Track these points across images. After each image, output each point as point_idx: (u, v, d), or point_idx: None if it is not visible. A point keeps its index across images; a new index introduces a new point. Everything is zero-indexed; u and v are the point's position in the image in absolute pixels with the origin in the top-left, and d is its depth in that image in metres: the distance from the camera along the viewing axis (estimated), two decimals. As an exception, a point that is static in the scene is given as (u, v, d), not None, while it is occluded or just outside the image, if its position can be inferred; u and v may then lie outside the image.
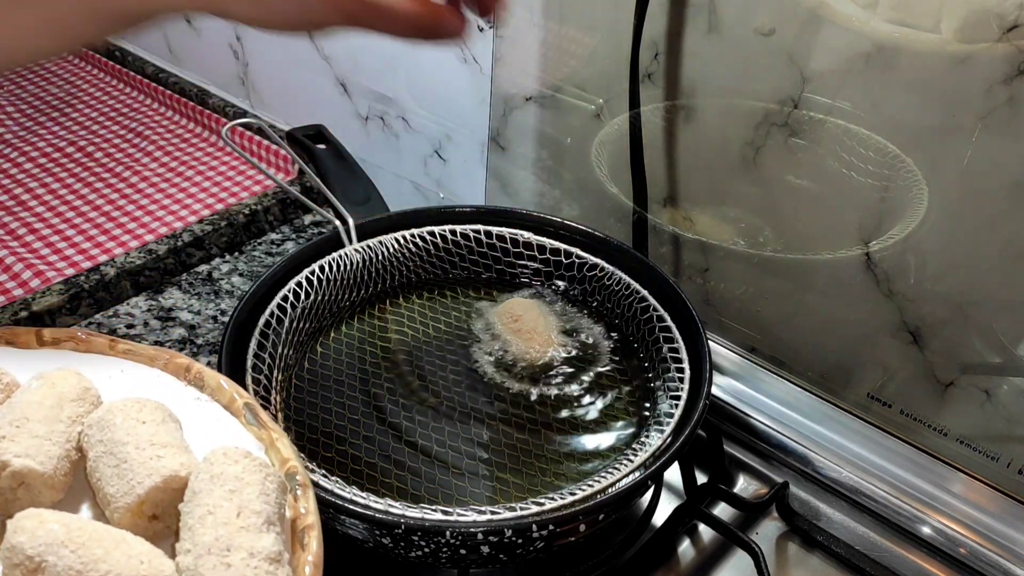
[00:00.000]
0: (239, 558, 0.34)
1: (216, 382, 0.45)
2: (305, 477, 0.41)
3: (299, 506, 0.39)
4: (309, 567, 0.37)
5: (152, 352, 0.46)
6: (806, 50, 0.55)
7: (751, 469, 0.62)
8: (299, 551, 0.38)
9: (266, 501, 0.37)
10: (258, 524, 0.35)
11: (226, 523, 0.35)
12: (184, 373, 0.45)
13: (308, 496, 0.40)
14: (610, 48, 0.66)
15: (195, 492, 0.37)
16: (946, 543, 0.56)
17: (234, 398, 0.44)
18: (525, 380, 0.58)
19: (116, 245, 0.80)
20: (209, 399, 0.45)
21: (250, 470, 0.37)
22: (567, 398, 0.57)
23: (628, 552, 0.54)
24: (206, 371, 0.45)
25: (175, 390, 0.45)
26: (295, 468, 0.41)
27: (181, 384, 0.45)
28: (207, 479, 0.37)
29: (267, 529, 0.36)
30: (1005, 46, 0.47)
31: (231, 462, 0.37)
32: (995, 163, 0.50)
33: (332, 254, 0.61)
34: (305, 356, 0.59)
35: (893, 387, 0.60)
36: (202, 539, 0.34)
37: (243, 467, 0.37)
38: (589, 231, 0.64)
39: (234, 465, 0.37)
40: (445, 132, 0.85)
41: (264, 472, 0.38)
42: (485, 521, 0.44)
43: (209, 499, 0.36)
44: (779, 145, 0.59)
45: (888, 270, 0.57)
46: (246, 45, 1.01)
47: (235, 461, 0.38)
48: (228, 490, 0.36)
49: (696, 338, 0.56)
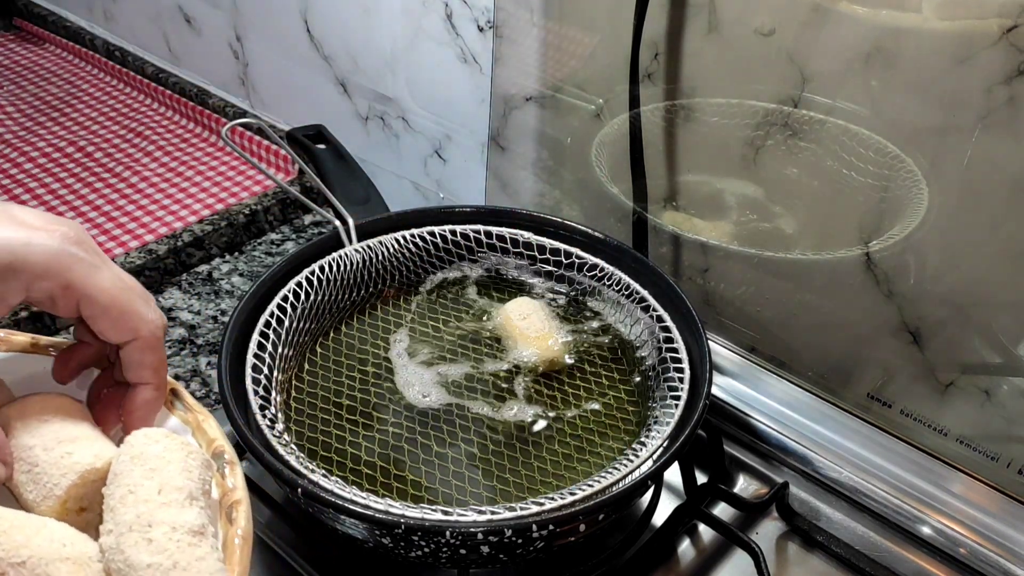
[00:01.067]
0: (161, 532, 0.34)
1: None
2: (232, 455, 0.41)
3: (227, 482, 0.40)
4: (239, 539, 0.37)
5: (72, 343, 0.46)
6: (806, 50, 0.55)
7: (751, 469, 0.62)
8: (228, 527, 0.38)
9: (188, 477, 0.37)
10: (180, 499, 0.36)
11: (147, 500, 0.35)
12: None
13: (236, 472, 0.40)
14: (610, 48, 0.66)
15: (116, 474, 0.37)
16: (946, 543, 0.56)
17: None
18: (526, 380, 0.58)
19: (116, 245, 0.80)
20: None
21: (171, 448, 0.38)
22: (567, 398, 0.57)
23: (628, 552, 0.54)
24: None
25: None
26: (221, 447, 0.41)
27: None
28: (127, 460, 0.37)
29: (189, 504, 0.36)
30: (1005, 46, 0.47)
31: (151, 442, 0.38)
32: (995, 163, 0.50)
33: (332, 254, 0.61)
34: (305, 356, 0.59)
35: (893, 387, 0.60)
36: (123, 517, 0.35)
37: (164, 446, 0.38)
38: (589, 231, 0.64)
39: (154, 445, 0.38)
40: (445, 132, 0.85)
41: (186, 450, 0.38)
42: (485, 521, 0.44)
43: (129, 479, 0.36)
44: (779, 145, 0.59)
45: (888, 270, 0.57)
46: (246, 45, 1.01)
47: (155, 441, 0.38)
48: (149, 468, 0.36)
49: (696, 338, 0.56)
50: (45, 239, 0.37)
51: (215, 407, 0.65)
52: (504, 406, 0.56)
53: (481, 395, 0.56)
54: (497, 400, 0.56)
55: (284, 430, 0.52)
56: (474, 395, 0.56)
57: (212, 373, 0.69)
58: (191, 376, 0.68)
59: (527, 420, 0.55)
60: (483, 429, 0.54)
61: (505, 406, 0.56)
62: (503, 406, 0.56)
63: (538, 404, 0.56)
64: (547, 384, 0.58)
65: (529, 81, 0.73)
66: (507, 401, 0.56)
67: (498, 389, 0.57)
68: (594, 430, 0.55)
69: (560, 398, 0.57)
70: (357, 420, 0.54)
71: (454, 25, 0.77)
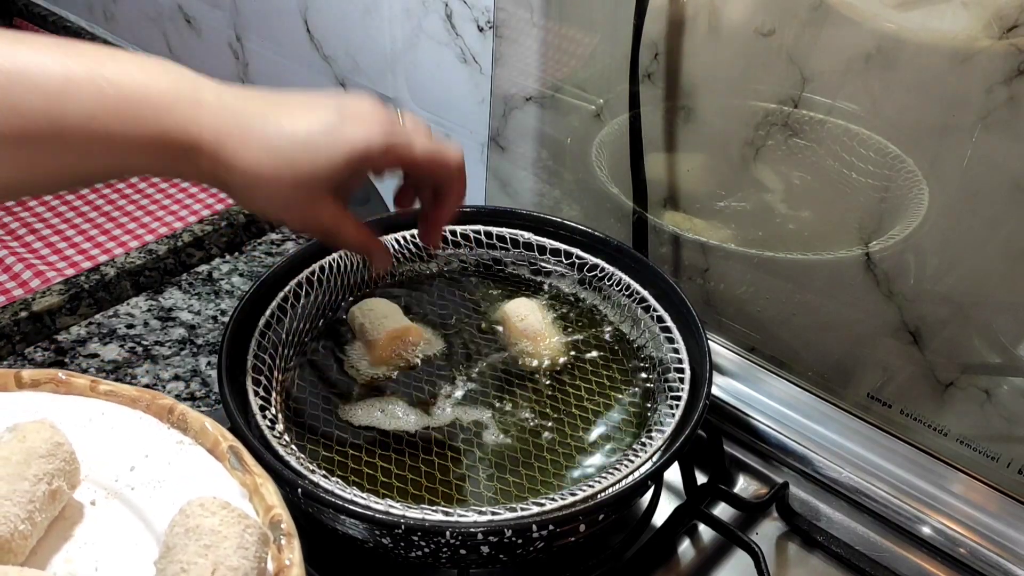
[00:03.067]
0: None
1: (200, 424, 0.43)
2: (290, 525, 0.39)
3: (283, 557, 0.37)
4: None
5: (134, 393, 0.45)
6: (806, 50, 0.55)
7: (751, 469, 0.62)
8: None
9: (244, 556, 0.35)
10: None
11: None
12: (167, 415, 0.44)
13: (293, 546, 0.38)
14: (610, 48, 0.66)
15: (169, 548, 0.35)
16: (946, 543, 0.56)
17: (218, 440, 0.42)
18: (526, 380, 0.58)
19: (116, 245, 0.80)
20: (192, 442, 0.43)
21: (228, 522, 0.35)
22: (567, 398, 0.57)
23: (628, 552, 0.54)
24: (190, 413, 0.44)
25: (157, 433, 0.43)
26: (279, 516, 0.39)
27: (164, 427, 0.44)
28: (182, 533, 0.35)
29: None
30: (1005, 46, 0.47)
31: (208, 514, 0.36)
32: (995, 163, 0.50)
33: (332, 254, 0.61)
34: (305, 356, 0.59)
35: (893, 387, 0.60)
36: None
37: (220, 519, 0.35)
38: (589, 231, 0.64)
39: (211, 517, 0.35)
40: (445, 132, 0.85)
41: (243, 524, 0.36)
42: (485, 521, 0.44)
43: (183, 555, 0.34)
44: (779, 145, 0.59)
45: (888, 270, 0.57)
46: (246, 45, 1.01)
47: (212, 513, 0.36)
48: (203, 545, 0.34)
49: (696, 338, 0.56)
50: (376, 135, 0.43)
51: (215, 407, 0.65)
52: (504, 406, 0.56)
53: (481, 395, 0.56)
54: (497, 400, 0.56)
55: (284, 430, 0.52)
56: (474, 395, 0.56)
57: (212, 373, 0.69)
58: (191, 376, 0.68)
59: (527, 420, 0.55)
60: (483, 429, 0.54)
61: (505, 406, 0.56)
62: (503, 406, 0.56)
63: (538, 404, 0.56)
64: (547, 384, 0.58)
65: (529, 81, 0.73)
66: (507, 401, 0.56)
67: (498, 389, 0.57)
68: (594, 430, 0.55)
69: (560, 398, 0.57)
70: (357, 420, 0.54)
71: (454, 25, 0.77)
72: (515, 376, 0.58)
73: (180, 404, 0.44)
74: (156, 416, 0.44)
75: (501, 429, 0.54)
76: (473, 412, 0.55)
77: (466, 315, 0.63)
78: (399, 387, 0.57)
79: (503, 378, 0.58)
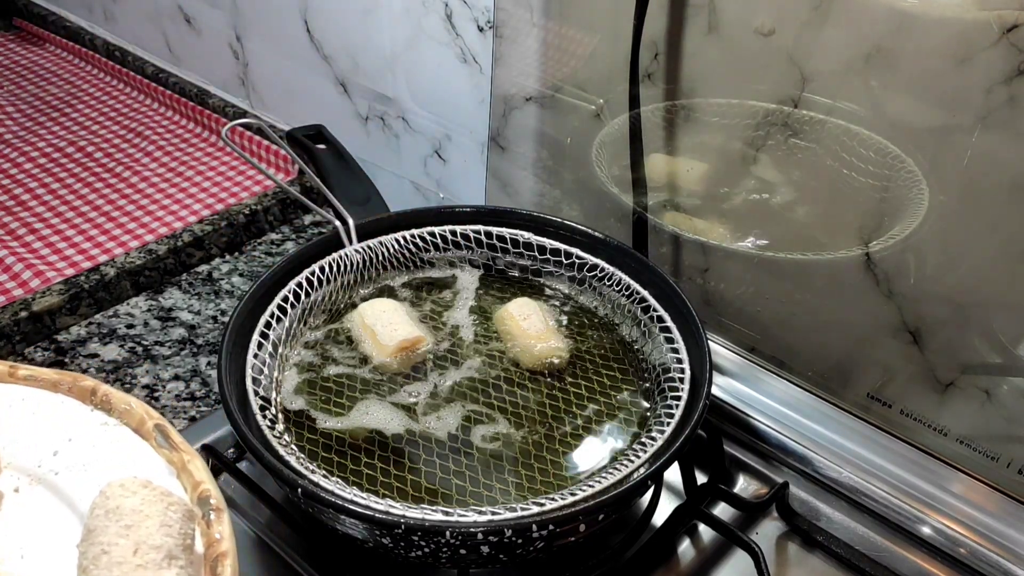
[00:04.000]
0: None
1: (125, 404, 0.42)
2: (220, 500, 0.38)
3: (212, 532, 0.37)
4: None
5: (55, 376, 0.44)
6: (806, 50, 0.55)
7: (751, 469, 0.62)
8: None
9: (168, 533, 0.34)
10: (157, 560, 0.33)
11: (121, 562, 0.33)
12: (90, 397, 0.43)
13: (223, 520, 0.37)
14: (610, 48, 0.66)
15: (90, 530, 0.34)
16: (946, 543, 0.56)
17: (144, 419, 0.42)
18: (526, 380, 0.58)
19: (116, 245, 0.80)
20: (118, 422, 0.42)
21: (149, 501, 0.35)
22: (567, 398, 0.57)
23: (628, 552, 0.54)
24: (113, 393, 0.43)
25: (80, 416, 0.43)
26: (207, 492, 0.38)
27: (87, 409, 0.43)
28: (102, 515, 0.34)
29: (168, 564, 0.33)
30: (1005, 46, 0.47)
31: (128, 494, 0.35)
32: (995, 163, 0.50)
33: (332, 254, 0.61)
34: (306, 356, 0.59)
35: (893, 387, 0.60)
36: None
37: (141, 499, 0.35)
38: (589, 231, 0.64)
39: (132, 497, 0.35)
40: (445, 132, 0.85)
41: (166, 502, 0.35)
42: (485, 521, 0.44)
43: (104, 536, 0.34)
44: (779, 145, 0.59)
45: (888, 270, 0.57)
46: (246, 45, 1.01)
47: (133, 493, 0.35)
48: (124, 525, 0.34)
49: (696, 338, 0.56)
50: None
51: (215, 407, 0.65)
52: (504, 406, 0.56)
53: (481, 395, 0.56)
54: (497, 400, 0.56)
55: (284, 430, 0.52)
56: (475, 395, 0.56)
57: (212, 373, 0.69)
58: (191, 376, 0.68)
59: (527, 420, 0.55)
60: (483, 429, 0.54)
61: (505, 406, 0.56)
62: (503, 406, 0.56)
63: (538, 404, 0.56)
64: (547, 384, 0.58)
65: (529, 81, 0.73)
66: (507, 401, 0.56)
67: (498, 390, 0.57)
68: (594, 430, 0.55)
69: (560, 398, 0.57)
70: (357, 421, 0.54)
71: (454, 25, 0.77)
72: (516, 376, 0.58)
73: (103, 385, 0.43)
74: (79, 399, 0.43)
75: (501, 429, 0.54)
76: (473, 412, 0.55)
77: (467, 315, 0.63)
78: (400, 387, 0.57)
79: (504, 378, 0.58)
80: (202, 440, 0.59)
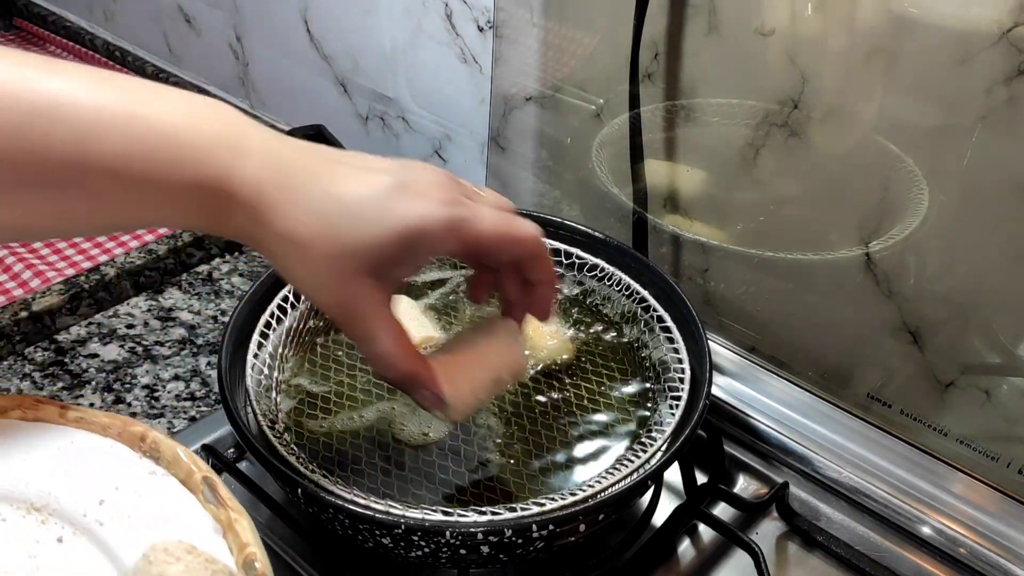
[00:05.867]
0: None
1: (173, 453, 0.41)
2: (265, 564, 0.37)
3: None
4: None
5: (105, 420, 0.42)
6: (806, 50, 0.55)
7: (751, 469, 0.62)
8: None
9: None
10: None
11: None
12: (139, 443, 0.42)
13: None
14: (610, 48, 0.66)
15: None
16: (946, 543, 0.56)
17: (192, 471, 0.40)
18: (526, 380, 0.58)
19: (116, 245, 0.80)
20: (165, 472, 0.41)
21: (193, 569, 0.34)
22: (567, 398, 0.57)
23: (628, 552, 0.54)
24: (162, 440, 0.42)
25: (128, 463, 0.41)
26: (253, 555, 0.37)
27: (136, 456, 0.42)
28: None
29: None
30: (1005, 46, 0.47)
31: (172, 560, 0.34)
32: (995, 163, 0.50)
33: (332, 254, 0.61)
34: (305, 356, 0.59)
35: (893, 387, 0.60)
36: None
37: (185, 565, 0.34)
38: (589, 231, 0.64)
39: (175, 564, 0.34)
40: (445, 132, 0.85)
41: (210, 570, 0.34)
42: (485, 521, 0.44)
43: None
44: (779, 145, 0.59)
45: (888, 270, 0.57)
46: (246, 45, 1.01)
47: (176, 559, 0.34)
48: None
49: (696, 338, 0.56)
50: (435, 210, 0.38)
51: (215, 407, 0.65)
52: (504, 406, 0.56)
53: (481, 395, 0.56)
54: (498, 400, 0.56)
55: (284, 430, 0.52)
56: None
57: (212, 373, 0.69)
58: (191, 376, 0.68)
59: (528, 420, 0.55)
60: (483, 429, 0.54)
61: (505, 406, 0.56)
62: (504, 406, 0.56)
63: (538, 404, 0.56)
64: (547, 384, 0.58)
65: (529, 81, 0.73)
66: (507, 401, 0.56)
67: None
68: (594, 430, 0.55)
69: (560, 398, 0.57)
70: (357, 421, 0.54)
71: (454, 25, 0.77)
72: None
73: (152, 431, 0.42)
74: (128, 444, 0.42)
75: (501, 429, 0.54)
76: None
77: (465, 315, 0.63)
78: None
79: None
80: (202, 440, 0.59)
